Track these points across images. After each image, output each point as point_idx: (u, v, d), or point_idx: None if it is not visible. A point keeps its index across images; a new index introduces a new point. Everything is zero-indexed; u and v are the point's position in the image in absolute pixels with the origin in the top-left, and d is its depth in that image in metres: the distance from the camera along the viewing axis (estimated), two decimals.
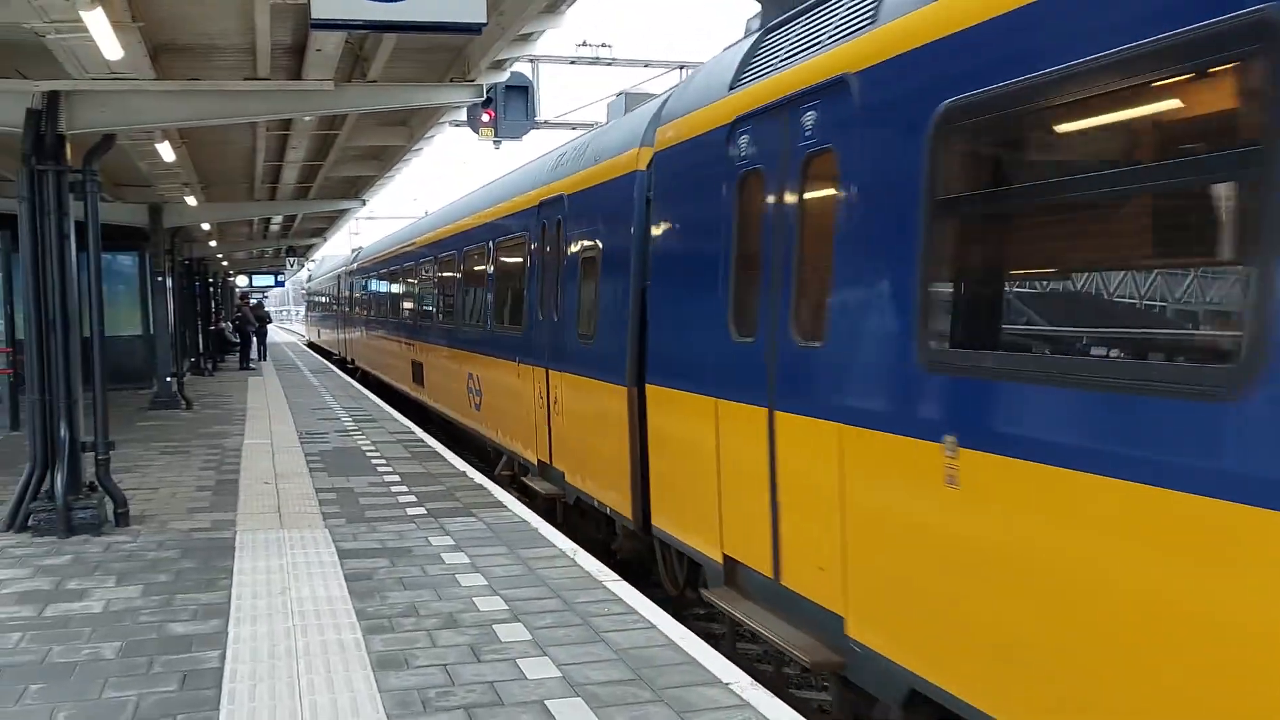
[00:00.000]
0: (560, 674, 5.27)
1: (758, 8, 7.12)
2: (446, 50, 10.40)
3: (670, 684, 5.11)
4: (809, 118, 5.56)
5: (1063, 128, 4.18)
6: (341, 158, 16.82)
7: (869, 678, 5.06)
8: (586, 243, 9.37)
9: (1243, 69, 3.27)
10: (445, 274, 16.65)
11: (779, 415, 5.74)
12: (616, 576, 7.14)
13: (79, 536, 8.57)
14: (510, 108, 20.12)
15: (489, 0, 6.79)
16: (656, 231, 7.65)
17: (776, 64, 6.10)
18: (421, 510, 9.41)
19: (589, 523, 9.74)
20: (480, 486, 10.59)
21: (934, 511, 4.43)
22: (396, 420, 16.70)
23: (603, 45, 22.19)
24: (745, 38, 7.11)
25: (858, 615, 5.06)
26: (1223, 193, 3.56)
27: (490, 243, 13.14)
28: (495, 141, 20.83)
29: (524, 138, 20.91)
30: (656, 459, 7.63)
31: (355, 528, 8.72)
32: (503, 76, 11.10)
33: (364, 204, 22.49)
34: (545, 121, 20.70)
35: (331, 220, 29.70)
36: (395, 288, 22.71)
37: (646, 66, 21.63)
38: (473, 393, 13.87)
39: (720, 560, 6.55)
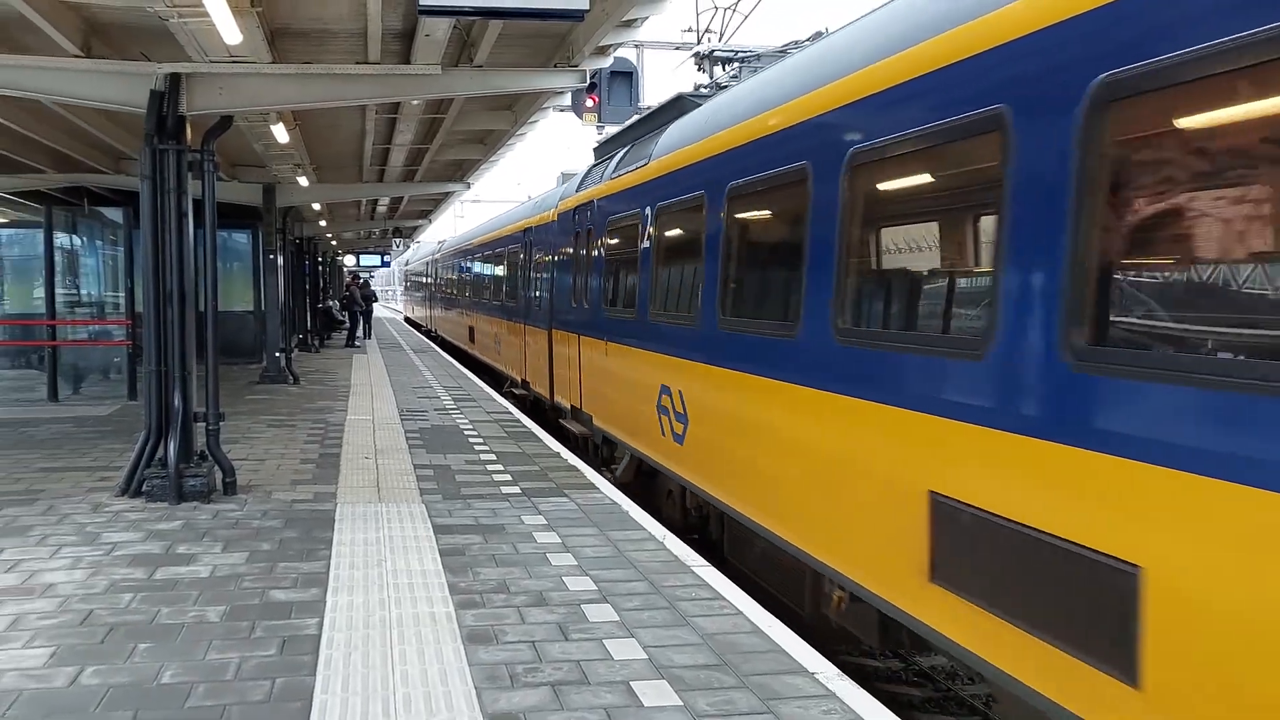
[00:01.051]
0: (646, 656, 5.32)
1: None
2: (551, 36, 10.49)
3: (755, 671, 5.12)
4: (591, 213, 12.52)
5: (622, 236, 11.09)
6: (447, 141, 17.10)
7: (595, 436, 12.01)
8: (538, 255, 16.70)
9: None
10: (484, 267, 24.77)
11: (581, 337, 12.67)
12: (704, 562, 7.16)
13: (189, 503, 8.90)
14: (614, 93, 20.19)
15: None
16: (557, 252, 14.92)
17: (588, 185, 13.15)
18: (515, 489, 9.56)
19: (539, 410, 16.55)
20: (573, 468, 10.70)
21: (603, 365, 11.27)
22: (494, 400, 16.97)
23: (707, 31, 22.04)
24: (585, 168, 14.56)
25: (593, 412, 11.99)
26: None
27: (505, 249, 20.78)
28: (599, 126, 20.94)
29: (627, 123, 20.96)
30: (555, 366, 14.75)
31: (451, 504, 8.90)
32: (606, 62, 11.14)
33: (468, 187, 22.84)
34: (648, 107, 20.70)
35: (437, 202, 30.20)
36: (458, 275, 31.38)
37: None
38: (496, 342, 21.93)
39: (569, 406, 13.61)
